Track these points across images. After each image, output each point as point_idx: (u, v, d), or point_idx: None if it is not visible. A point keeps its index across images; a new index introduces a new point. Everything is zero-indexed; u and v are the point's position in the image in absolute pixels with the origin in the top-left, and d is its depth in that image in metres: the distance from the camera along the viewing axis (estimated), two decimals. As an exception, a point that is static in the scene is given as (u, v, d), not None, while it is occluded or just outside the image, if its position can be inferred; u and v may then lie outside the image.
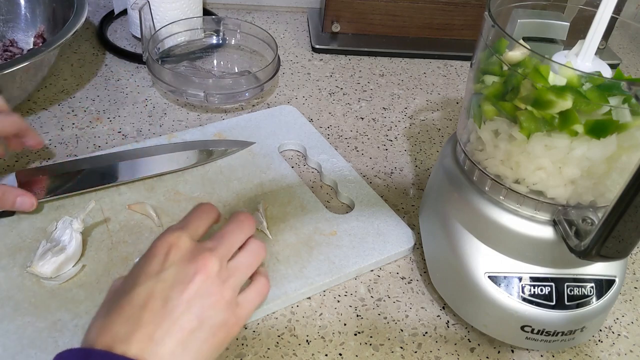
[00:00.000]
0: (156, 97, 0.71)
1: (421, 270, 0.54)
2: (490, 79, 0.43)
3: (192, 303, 0.37)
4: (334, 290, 0.51)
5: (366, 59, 0.83)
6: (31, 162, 0.59)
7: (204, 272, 0.38)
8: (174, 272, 0.37)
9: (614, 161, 0.39)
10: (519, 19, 0.44)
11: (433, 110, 0.75)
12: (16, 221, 0.51)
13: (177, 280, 0.37)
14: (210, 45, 0.79)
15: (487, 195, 0.45)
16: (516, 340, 0.46)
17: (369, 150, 0.67)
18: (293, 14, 0.93)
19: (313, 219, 0.55)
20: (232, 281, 0.40)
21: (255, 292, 0.42)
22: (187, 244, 0.39)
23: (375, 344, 0.47)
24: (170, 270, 0.37)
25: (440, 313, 0.50)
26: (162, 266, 0.37)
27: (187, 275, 0.37)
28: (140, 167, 0.57)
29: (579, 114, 0.38)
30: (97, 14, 0.84)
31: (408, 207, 0.60)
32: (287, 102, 0.73)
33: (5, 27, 0.72)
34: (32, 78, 0.63)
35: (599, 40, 0.39)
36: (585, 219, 0.41)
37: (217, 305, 0.38)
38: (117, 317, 0.35)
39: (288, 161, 0.63)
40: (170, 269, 0.37)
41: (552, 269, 0.44)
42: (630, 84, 0.36)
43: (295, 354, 0.46)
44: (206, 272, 0.38)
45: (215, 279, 0.38)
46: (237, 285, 0.40)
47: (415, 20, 0.84)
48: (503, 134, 0.42)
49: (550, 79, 0.38)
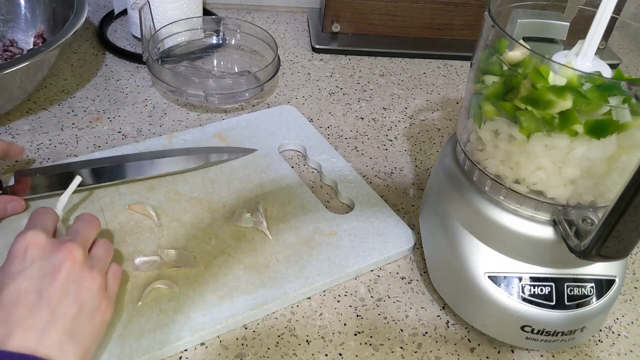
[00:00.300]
0: (156, 97, 0.71)
1: (421, 270, 0.54)
2: (490, 79, 0.43)
3: (67, 289, 0.37)
4: (334, 290, 0.51)
5: (366, 59, 0.83)
6: (31, 163, 0.59)
7: (71, 259, 0.39)
8: (38, 266, 0.38)
9: (614, 161, 0.39)
10: (519, 19, 0.44)
11: (433, 110, 0.75)
12: (16, 221, 0.51)
13: (45, 272, 0.37)
14: (210, 45, 0.79)
15: (487, 195, 0.45)
16: (516, 340, 0.46)
17: (369, 150, 0.67)
18: (293, 14, 0.93)
19: (313, 219, 0.55)
20: (98, 267, 0.41)
21: (114, 277, 0.43)
22: (44, 239, 0.40)
23: (375, 344, 0.47)
24: (34, 266, 0.38)
25: (440, 313, 0.50)
26: (23, 264, 0.38)
27: (55, 264, 0.38)
28: (140, 169, 0.57)
29: (579, 114, 0.38)
30: (97, 14, 0.84)
31: (408, 207, 0.60)
32: (287, 102, 0.73)
33: (5, 27, 0.72)
34: (32, 78, 0.63)
35: (599, 40, 0.39)
36: (585, 219, 0.41)
37: (91, 289, 0.39)
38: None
39: (288, 161, 0.63)
40: (34, 264, 0.38)
41: (552, 269, 0.44)
42: (630, 84, 0.36)
43: (295, 354, 0.46)
44: (72, 259, 0.39)
45: (83, 264, 0.39)
46: (102, 271, 0.42)
47: (415, 20, 0.84)
48: (503, 134, 0.42)
49: (550, 79, 0.38)
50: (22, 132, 0.63)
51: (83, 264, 0.39)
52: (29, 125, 0.64)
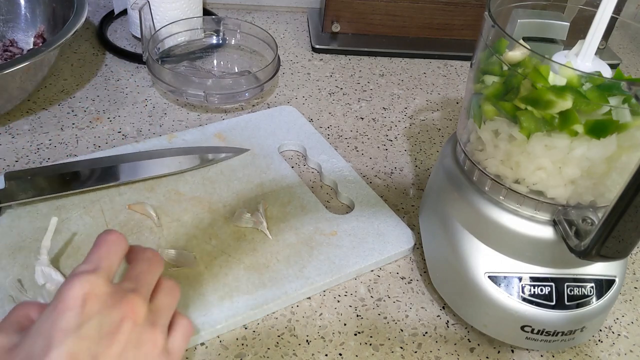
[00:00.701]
0: (156, 97, 0.71)
1: (421, 270, 0.54)
2: (490, 79, 0.43)
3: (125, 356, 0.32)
4: (334, 290, 0.51)
5: (366, 59, 0.83)
6: (31, 163, 0.59)
7: (132, 317, 0.33)
8: (96, 324, 0.31)
9: (614, 161, 0.39)
10: (519, 19, 0.44)
11: (433, 110, 0.75)
12: (16, 221, 0.51)
13: (102, 333, 0.31)
14: (210, 45, 0.79)
15: (487, 195, 0.45)
16: (516, 340, 0.46)
17: (369, 150, 0.67)
18: (293, 14, 0.93)
19: (313, 219, 0.55)
20: (160, 324, 0.35)
21: (182, 335, 0.37)
22: (105, 288, 0.33)
23: (375, 344, 0.47)
24: (91, 323, 0.31)
25: (440, 313, 0.50)
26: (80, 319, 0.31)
27: (113, 323, 0.32)
28: (139, 170, 0.57)
29: (579, 114, 0.38)
30: (97, 14, 0.84)
31: (408, 207, 0.60)
32: (287, 102, 0.73)
33: (5, 27, 0.72)
34: (32, 78, 0.63)
35: (599, 40, 0.39)
36: (585, 219, 0.41)
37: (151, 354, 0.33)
38: None
39: (288, 161, 0.63)
40: (91, 321, 0.31)
41: (552, 269, 0.44)
42: (630, 84, 0.36)
43: (295, 354, 0.46)
44: (134, 317, 0.33)
45: (144, 324, 0.33)
46: (165, 329, 0.36)
47: (415, 20, 0.84)
48: (503, 134, 0.42)
49: (550, 79, 0.38)
50: (22, 132, 0.63)
51: (144, 322, 0.33)
52: (29, 125, 0.64)
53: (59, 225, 0.51)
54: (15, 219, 0.51)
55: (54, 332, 0.31)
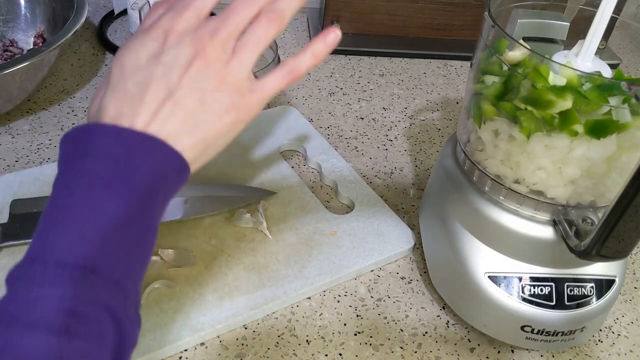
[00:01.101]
0: (156, 97, 0.71)
1: (421, 270, 0.54)
2: (490, 79, 0.43)
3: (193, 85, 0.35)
4: (334, 290, 0.51)
5: (366, 59, 0.83)
6: (31, 163, 0.59)
7: (203, 57, 0.36)
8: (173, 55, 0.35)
9: (614, 161, 0.39)
10: (519, 19, 0.44)
11: (433, 110, 0.75)
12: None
13: (176, 64, 0.35)
14: (210, 45, 0.79)
15: (487, 195, 0.45)
16: (516, 340, 0.46)
17: (369, 150, 0.67)
18: (293, 14, 0.92)
19: (313, 219, 0.55)
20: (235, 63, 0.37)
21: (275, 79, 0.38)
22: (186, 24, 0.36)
23: (375, 344, 0.47)
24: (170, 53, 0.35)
25: (440, 313, 0.50)
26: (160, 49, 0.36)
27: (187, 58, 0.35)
28: None
29: (579, 114, 0.38)
30: (97, 14, 0.84)
31: (408, 207, 0.60)
32: (287, 102, 0.73)
33: (5, 27, 0.72)
34: (32, 78, 0.63)
35: (599, 40, 0.39)
36: (585, 219, 0.41)
37: (221, 89, 0.36)
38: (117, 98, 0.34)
39: (288, 161, 0.63)
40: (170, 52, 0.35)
41: (552, 269, 0.44)
42: (630, 84, 0.36)
43: (295, 354, 0.46)
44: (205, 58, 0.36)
45: (216, 63, 0.36)
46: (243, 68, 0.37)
47: (415, 20, 0.84)
48: (503, 134, 0.42)
49: (550, 79, 0.38)
50: (22, 132, 0.63)
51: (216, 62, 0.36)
52: (29, 125, 0.64)
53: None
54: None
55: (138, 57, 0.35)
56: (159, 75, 0.35)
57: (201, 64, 0.36)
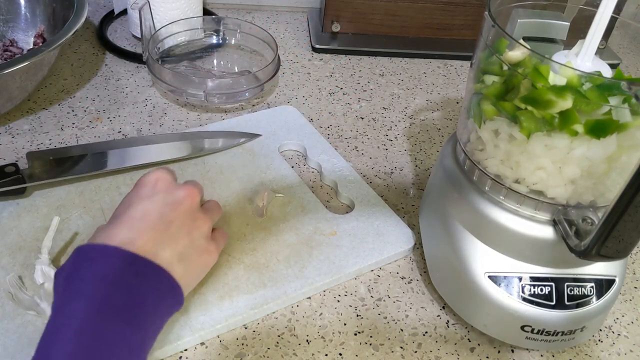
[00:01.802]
0: (156, 97, 0.71)
1: (421, 270, 0.54)
2: (490, 79, 0.43)
3: (183, 221, 0.42)
4: (334, 290, 0.51)
5: (366, 58, 0.83)
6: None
7: (190, 198, 0.43)
8: (163, 196, 0.43)
9: (614, 161, 0.39)
10: (519, 19, 0.44)
11: (433, 110, 0.75)
12: (16, 220, 0.51)
13: (167, 202, 0.42)
14: (210, 45, 0.79)
15: (487, 195, 0.45)
16: (516, 340, 0.46)
17: (369, 150, 0.67)
18: (293, 14, 0.93)
19: (313, 219, 0.55)
20: (210, 215, 0.46)
21: (221, 236, 0.48)
22: (171, 178, 0.45)
23: (375, 344, 0.47)
24: (160, 195, 0.43)
25: (440, 313, 0.50)
26: (151, 191, 0.43)
27: (177, 199, 0.43)
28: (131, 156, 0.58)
29: (579, 113, 0.38)
30: (97, 14, 0.84)
31: (408, 207, 0.60)
32: (287, 102, 0.73)
33: (5, 27, 0.72)
34: (32, 78, 0.63)
35: (599, 40, 0.39)
36: (585, 219, 0.41)
37: (202, 229, 0.44)
38: (120, 227, 0.40)
39: (288, 161, 0.63)
40: (160, 194, 0.43)
41: (552, 269, 0.44)
42: (630, 84, 0.36)
43: (295, 354, 0.46)
44: (192, 198, 0.43)
45: (199, 207, 0.44)
46: (212, 222, 0.46)
47: (415, 20, 0.84)
48: (503, 133, 0.42)
49: (550, 79, 0.38)
50: (22, 132, 0.63)
51: (199, 207, 0.44)
52: (29, 125, 0.64)
53: (59, 224, 0.51)
54: (16, 219, 0.51)
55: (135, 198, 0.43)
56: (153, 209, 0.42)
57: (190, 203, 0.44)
